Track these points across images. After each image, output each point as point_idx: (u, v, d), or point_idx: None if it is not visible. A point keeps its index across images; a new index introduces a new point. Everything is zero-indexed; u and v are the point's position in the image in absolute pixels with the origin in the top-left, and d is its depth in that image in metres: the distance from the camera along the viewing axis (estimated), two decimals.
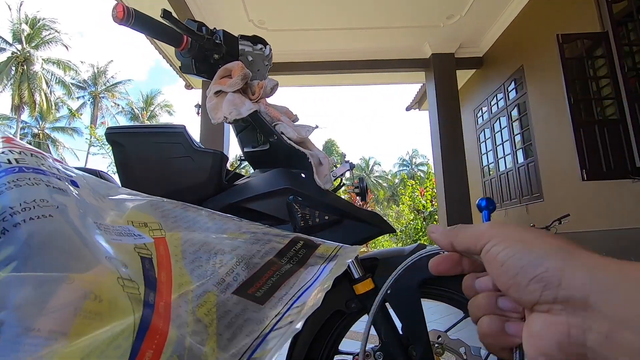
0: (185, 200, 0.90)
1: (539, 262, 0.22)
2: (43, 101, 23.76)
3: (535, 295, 0.22)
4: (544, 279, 0.22)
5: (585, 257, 0.22)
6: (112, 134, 0.86)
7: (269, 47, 1.02)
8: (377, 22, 5.81)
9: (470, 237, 0.27)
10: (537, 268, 0.22)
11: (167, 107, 30.98)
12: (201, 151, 0.86)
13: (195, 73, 0.88)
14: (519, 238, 0.24)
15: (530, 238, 0.24)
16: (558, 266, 0.22)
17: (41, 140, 26.79)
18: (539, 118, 5.34)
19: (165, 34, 0.78)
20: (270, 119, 0.87)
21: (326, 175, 0.84)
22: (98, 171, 1.01)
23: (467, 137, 7.07)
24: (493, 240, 0.25)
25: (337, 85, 8.34)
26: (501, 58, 6.28)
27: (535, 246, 0.23)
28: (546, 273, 0.22)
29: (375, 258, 0.91)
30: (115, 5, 0.69)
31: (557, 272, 0.22)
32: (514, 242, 0.24)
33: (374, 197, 29.66)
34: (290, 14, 5.59)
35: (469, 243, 0.28)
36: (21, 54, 23.82)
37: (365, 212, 0.89)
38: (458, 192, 5.89)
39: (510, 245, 0.24)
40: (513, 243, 0.24)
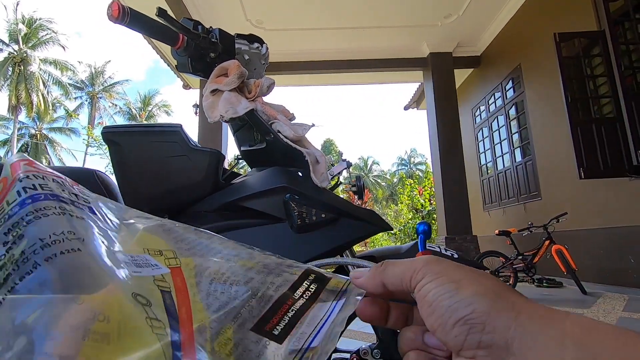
0: (182, 199, 0.90)
1: (466, 304, 0.22)
2: (40, 102, 23.68)
3: (460, 339, 0.21)
4: (469, 321, 0.21)
5: (513, 300, 0.22)
6: (108, 133, 0.86)
7: (265, 46, 1.02)
8: (374, 21, 5.81)
9: (404, 272, 0.26)
10: (464, 310, 0.21)
11: (165, 107, 30.91)
12: (198, 150, 0.86)
13: (191, 72, 0.88)
14: (451, 277, 0.23)
15: (463, 278, 0.23)
16: (484, 309, 0.21)
17: (39, 140, 26.71)
18: (536, 117, 5.36)
19: (161, 33, 0.78)
20: (267, 117, 0.87)
21: (323, 174, 0.84)
22: (94, 171, 1.01)
23: (465, 135, 7.09)
24: (427, 277, 0.24)
25: (336, 85, 8.34)
26: (499, 57, 6.29)
27: (465, 287, 0.22)
28: (472, 315, 0.21)
29: (373, 256, 0.91)
30: (111, 4, 0.69)
31: (483, 315, 0.21)
32: (446, 281, 0.23)
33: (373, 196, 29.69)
34: (288, 13, 5.59)
35: (403, 279, 0.26)
36: (18, 55, 23.72)
37: (363, 210, 0.89)
38: (456, 191, 5.91)
39: (442, 284, 0.23)
40: (445, 282, 0.23)
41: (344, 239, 0.84)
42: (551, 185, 5.10)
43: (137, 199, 0.88)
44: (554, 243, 4.22)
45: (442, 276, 0.24)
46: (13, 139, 23.78)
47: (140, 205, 0.89)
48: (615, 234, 4.04)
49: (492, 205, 6.85)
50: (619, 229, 3.99)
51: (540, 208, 5.31)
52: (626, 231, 3.89)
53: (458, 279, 0.23)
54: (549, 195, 5.15)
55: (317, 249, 0.81)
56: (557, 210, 4.43)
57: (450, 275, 0.24)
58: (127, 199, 0.89)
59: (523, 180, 5.82)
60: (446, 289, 0.23)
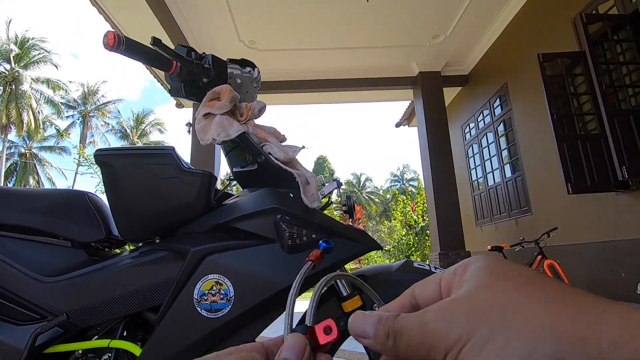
0: (174, 220, 0.91)
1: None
2: (31, 120, 23.55)
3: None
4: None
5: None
6: (101, 156, 0.87)
7: (257, 70, 1.05)
8: (365, 41, 5.97)
9: (430, 345, 0.19)
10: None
11: (159, 126, 30.94)
12: (190, 172, 0.87)
13: (184, 96, 0.90)
14: (518, 328, 0.17)
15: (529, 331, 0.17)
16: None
17: (28, 160, 26.40)
18: (524, 133, 5.48)
19: (155, 60, 0.81)
20: (258, 139, 0.89)
21: (313, 195, 0.86)
22: (86, 193, 1.02)
23: (456, 152, 7.21)
24: (474, 338, 0.18)
25: (328, 103, 8.46)
26: (486, 76, 6.47)
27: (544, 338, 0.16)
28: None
29: (363, 275, 0.92)
30: (106, 33, 0.71)
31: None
32: (512, 337, 0.17)
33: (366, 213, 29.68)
34: (280, 34, 5.72)
35: (428, 354, 0.19)
36: (10, 74, 23.72)
37: (353, 229, 0.90)
38: (448, 206, 5.95)
39: (510, 342, 0.17)
40: (512, 338, 0.17)
41: (335, 258, 0.85)
42: (541, 200, 5.17)
43: (129, 221, 0.89)
44: (546, 258, 4.25)
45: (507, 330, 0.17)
46: (2, 158, 23.49)
47: (132, 227, 0.89)
48: (606, 248, 4.09)
49: (484, 220, 6.90)
50: (609, 242, 4.04)
51: (531, 223, 5.37)
52: (616, 245, 3.94)
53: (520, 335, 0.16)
54: (540, 210, 5.22)
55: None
56: (548, 225, 4.48)
57: (517, 324, 0.17)
58: (119, 220, 0.89)
59: (514, 195, 5.89)
60: (520, 347, 0.16)
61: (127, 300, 0.83)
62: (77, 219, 0.96)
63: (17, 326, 0.83)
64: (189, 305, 0.78)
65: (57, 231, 0.93)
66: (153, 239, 0.91)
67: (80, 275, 0.86)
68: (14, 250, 0.88)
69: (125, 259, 0.88)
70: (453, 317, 0.19)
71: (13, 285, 0.84)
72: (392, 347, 0.21)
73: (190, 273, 0.80)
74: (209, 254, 0.82)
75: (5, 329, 0.82)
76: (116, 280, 0.84)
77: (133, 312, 0.83)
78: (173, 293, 0.80)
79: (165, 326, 0.79)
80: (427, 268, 0.90)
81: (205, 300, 0.78)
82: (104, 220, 0.98)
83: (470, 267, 0.21)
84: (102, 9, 4.79)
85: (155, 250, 0.87)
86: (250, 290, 0.79)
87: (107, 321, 0.84)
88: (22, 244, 0.90)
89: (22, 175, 25.78)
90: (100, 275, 0.85)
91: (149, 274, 0.84)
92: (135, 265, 0.85)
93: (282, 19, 5.39)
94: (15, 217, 0.91)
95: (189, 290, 0.79)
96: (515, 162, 5.86)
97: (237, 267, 0.81)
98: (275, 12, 5.22)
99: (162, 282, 0.83)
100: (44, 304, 0.83)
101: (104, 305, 0.83)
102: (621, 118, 3.46)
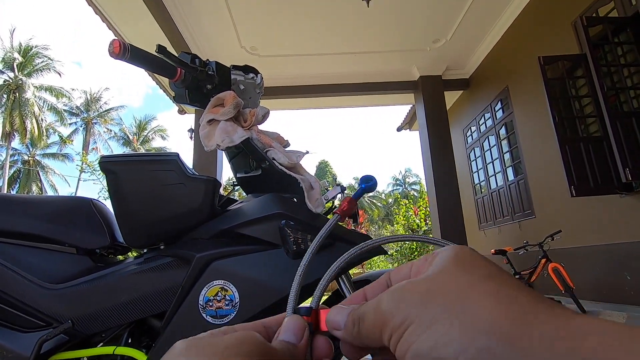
0: (179, 226, 0.91)
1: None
2: (34, 128, 23.70)
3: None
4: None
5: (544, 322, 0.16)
6: (106, 163, 0.88)
7: (260, 76, 1.06)
8: (366, 46, 5.99)
9: (377, 326, 0.20)
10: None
11: (161, 132, 31.07)
12: (194, 178, 0.87)
13: (188, 102, 0.90)
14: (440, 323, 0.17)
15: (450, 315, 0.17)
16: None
17: (31, 167, 26.53)
18: (526, 136, 5.47)
19: (160, 67, 0.81)
20: (262, 145, 0.89)
21: (317, 199, 0.86)
22: (91, 200, 1.02)
23: (458, 156, 7.20)
24: (407, 334, 0.18)
25: (329, 108, 8.49)
26: (487, 79, 6.48)
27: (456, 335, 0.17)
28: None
29: (368, 280, 0.92)
30: (112, 41, 0.72)
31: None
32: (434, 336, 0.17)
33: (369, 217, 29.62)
34: (281, 40, 5.75)
35: (380, 336, 0.19)
36: (13, 82, 23.91)
37: (357, 234, 0.90)
38: (451, 210, 5.93)
39: (451, 329, 0.17)
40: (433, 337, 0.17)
41: None
42: (544, 203, 5.15)
43: (134, 227, 0.89)
44: (551, 261, 4.22)
45: (427, 328, 0.17)
46: (5, 165, 23.61)
47: (136, 233, 0.89)
48: (610, 251, 4.06)
49: (488, 224, 6.88)
50: (613, 245, 4.01)
51: (534, 226, 5.34)
52: (621, 247, 3.91)
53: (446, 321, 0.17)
54: (543, 213, 5.19)
55: (313, 274, 0.81)
56: (552, 228, 4.46)
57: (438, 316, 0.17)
58: (124, 227, 0.89)
59: (517, 198, 5.87)
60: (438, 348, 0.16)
61: (132, 307, 0.83)
62: (82, 225, 0.96)
63: (22, 333, 0.83)
64: (194, 311, 0.78)
65: (63, 238, 0.93)
66: (158, 245, 0.92)
67: (85, 282, 0.86)
68: (19, 258, 0.88)
69: (130, 265, 0.88)
70: (404, 298, 0.19)
71: (18, 292, 0.84)
72: (357, 334, 0.21)
73: (195, 279, 0.80)
74: (214, 260, 0.82)
75: (11, 336, 0.82)
76: (121, 286, 0.84)
77: (138, 318, 0.83)
78: (178, 299, 0.80)
79: (170, 332, 0.79)
80: None
81: (211, 306, 0.78)
82: (108, 227, 0.98)
83: (439, 255, 0.22)
84: (105, 17, 4.83)
85: (160, 257, 0.87)
86: (256, 296, 0.79)
87: (112, 328, 0.84)
88: (28, 251, 0.91)
89: (26, 183, 25.89)
90: (105, 282, 0.85)
91: (154, 280, 0.84)
92: (140, 272, 0.85)
93: (283, 25, 5.42)
94: (21, 224, 0.92)
95: (195, 297, 0.79)
96: (517, 165, 5.84)
97: (242, 273, 0.81)
98: (276, 18, 5.25)
99: (167, 288, 0.83)
100: (49, 311, 0.83)
101: (109, 312, 0.83)
102: (623, 120, 3.45)
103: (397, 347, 0.18)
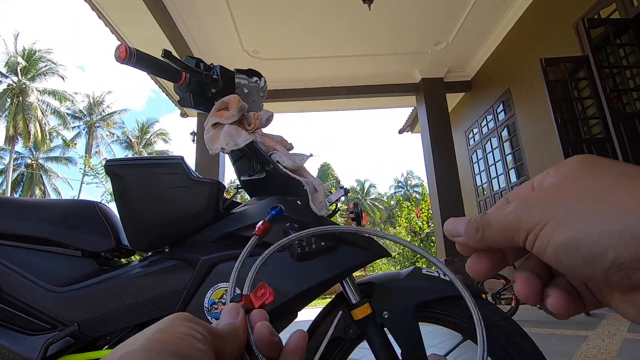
0: (183, 229, 0.91)
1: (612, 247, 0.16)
2: (38, 131, 23.83)
3: (622, 282, 0.17)
4: (623, 267, 0.16)
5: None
6: (111, 166, 0.88)
7: (263, 79, 1.06)
8: (367, 49, 6.01)
9: (512, 232, 0.21)
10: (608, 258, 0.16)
11: (163, 135, 31.18)
12: (199, 181, 0.88)
13: (193, 106, 0.91)
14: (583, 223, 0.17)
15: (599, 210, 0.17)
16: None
17: (34, 170, 26.66)
18: (528, 138, 5.46)
19: (165, 71, 0.82)
20: (266, 148, 0.90)
21: (321, 202, 0.86)
22: (96, 203, 1.03)
23: (460, 158, 7.18)
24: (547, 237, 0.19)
25: (331, 110, 8.50)
26: (488, 81, 6.48)
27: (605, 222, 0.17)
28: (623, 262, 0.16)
29: (372, 283, 0.92)
30: (118, 46, 0.73)
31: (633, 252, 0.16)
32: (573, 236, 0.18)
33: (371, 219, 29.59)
34: (283, 43, 5.78)
35: (512, 239, 0.21)
36: (17, 86, 24.08)
37: (361, 237, 0.90)
38: (453, 212, 5.92)
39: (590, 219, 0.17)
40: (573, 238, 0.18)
41: (343, 266, 0.85)
42: None
43: (139, 230, 0.89)
44: None
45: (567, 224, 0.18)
46: (9, 169, 23.74)
47: (141, 236, 0.90)
48: None
49: None
50: None
51: None
52: None
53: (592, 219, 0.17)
54: None
55: (318, 277, 0.81)
56: None
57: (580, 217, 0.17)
58: (129, 230, 0.90)
59: None
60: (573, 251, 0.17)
61: (138, 310, 0.83)
62: (88, 228, 0.97)
63: (28, 336, 0.83)
64: (199, 314, 0.79)
65: (68, 241, 0.94)
66: (162, 248, 0.92)
67: (90, 284, 0.87)
68: (25, 261, 0.89)
69: (135, 268, 0.89)
70: (535, 203, 0.20)
71: (24, 295, 0.85)
72: (480, 239, 0.23)
73: (200, 282, 0.81)
74: (219, 263, 0.82)
75: (18, 339, 0.82)
76: (126, 289, 0.85)
77: (143, 321, 0.83)
78: (183, 302, 0.81)
79: None
80: (436, 275, 0.90)
81: (216, 309, 0.78)
82: (113, 230, 0.99)
83: (563, 165, 0.22)
84: (108, 21, 4.87)
85: (165, 260, 0.88)
86: None
87: (118, 330, 0.84)
88: (33, 254, 0.91)
89: (29, 186, 26.01)
90: (111, 285, 0.86)
91: (159, 283, 0.84)
92: (145, 275, 0.86)
93: (285, 29, 5.45)
94: (26, 227, 0.92)
95: (200, 299, 0.79)
96: (520, 167, 5.83)
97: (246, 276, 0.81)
98: (278, 21, 5.28)
99: (172, 291, 0.83)
100: (55, 314, 0.84)
101: (114, 315, 0.83)
102: (626, 122, 3.44)
103: (534, 245, 0.19)
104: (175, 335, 0.21)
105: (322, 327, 0.89)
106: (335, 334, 0.89)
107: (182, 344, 0.20)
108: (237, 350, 0.25)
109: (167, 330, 0.21)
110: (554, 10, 4.71)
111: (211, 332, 0.23)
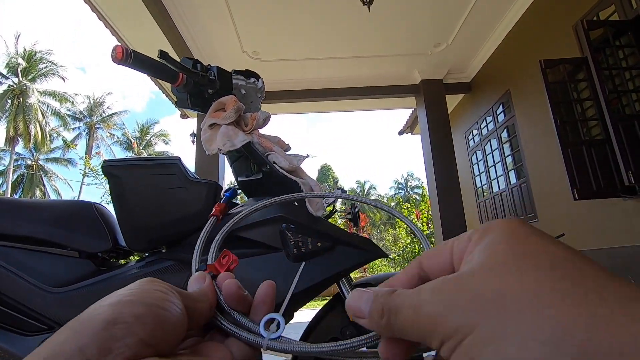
0: (180, 230, 0.91)
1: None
2: (38, 133, 23.85)
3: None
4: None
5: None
6: (108, 167, 0.88)
7: (261, 80, 1.06)
8: (367, 50, 6.02)
9: (422, 328, 0.17)
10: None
11: (163, 136, 31.20)
12: (196, 182, 0.88)
13: (190, 107, 0.91)
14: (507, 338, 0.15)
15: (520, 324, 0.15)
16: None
17: (34, 171, 26.67)
18: (527, 139, 5.46)
19: (162, 72, 0.82)
20: (263, 149, 0.90)
21: (318, 203, 0.86)
22: (93, 204, 1.03)
23: (460, 159, 7.19)
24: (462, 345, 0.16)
25: (331, 112, 8.51)
26: (488, 83, 6.49)
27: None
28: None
29: (370, 283, 0.92)
30: (115, 47, 0.73)
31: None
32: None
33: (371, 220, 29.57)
34: (282, 44, 5.78)
35: (422, 336, 0.17)
36: (17, 87, 24.10)
37: (358, 237, 0.90)
38: (453, 214, 5.92)
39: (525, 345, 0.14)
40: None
41: (340, 266, 0.85)
42: (547, 207, 5.13)
43: (136, 231, 0.89)
44: None
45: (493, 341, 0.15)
46: (9, 170, 23.74)
47: (138, 237, 0.90)
48: (613, 254, 4.03)
49: None
50: (616, 249, 3.99)
51: None
52: (624, 251, 3.89)
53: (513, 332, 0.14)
54: (546, 217, 5.17)
55: (314, 277, 0.81)
56: (555, 232, 4.44)
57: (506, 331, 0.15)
58: (126, 230, 0.90)
59: (519, 202, 5.85)
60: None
61: None
62: (85, 229, 0.97)
63: (25, 337, 0.83)
64: None
65: (65, 242, 0.94)
66: (159, 248, 0.92)
67: (87, 285, 0.86)
68: (22, 261, 0.89)
69: (132, 268, 0.89)
70: (453, 301, 0.16)
71: (21, 295, 0.85)
72: (385, 326, 0.19)
73: None
74: None
75: (13, 339, 0.82)
76: None
77: None
78: None
79: None
80: None
81: None
82: (111, 231, 0.99)
83: (488, 236, 0.19)
84: (108, 22, 4.88)
85: (162, 260, 0.88)
86: None
87: None
88: (30, 255, 0.91)
89: (29, 187, 26.01)
90: (108, 285, 0.86)
91: None
92: (142, 275, 0.86)
93: (285, 30, 5.46)
94: (23, 228, 0.93)
95: None
96: (519, 169, 5.83)
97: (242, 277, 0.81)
98: (278, 23, 5.29)
99: None
100: (52, 315, 0.84)
101: None
102: (626, 123, 3.44)
103: (451, 357, 0.16)
104: (146, 291, 0.21)
105: (319, 327, 0.89)
106: (332, 334, 0.89)
107: (155, 295, 0.21)
108: (208, 309, 0.26)
109: (139, 288, 0.22)
110: (553, 12, 4.72)
111: (182, 293, 0.24)
